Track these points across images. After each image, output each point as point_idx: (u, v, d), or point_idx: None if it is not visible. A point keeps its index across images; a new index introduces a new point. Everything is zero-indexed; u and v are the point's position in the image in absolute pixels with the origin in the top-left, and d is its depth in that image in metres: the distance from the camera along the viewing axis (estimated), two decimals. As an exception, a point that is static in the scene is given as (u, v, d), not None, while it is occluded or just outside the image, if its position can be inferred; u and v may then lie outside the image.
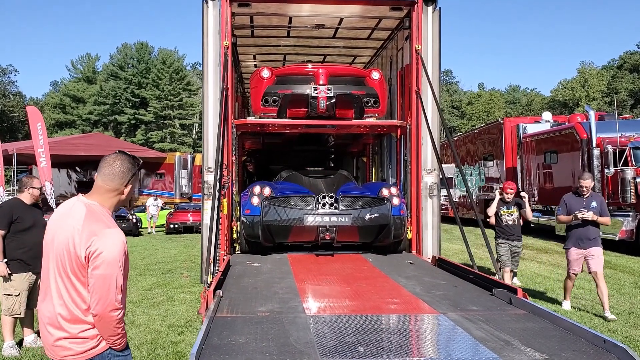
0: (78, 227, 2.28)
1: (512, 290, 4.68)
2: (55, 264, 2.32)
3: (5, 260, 5.34)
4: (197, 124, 56.27)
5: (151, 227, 21.77)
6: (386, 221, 7.18)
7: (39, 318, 2.45)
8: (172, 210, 23.16)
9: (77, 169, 35.39)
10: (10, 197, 7.29)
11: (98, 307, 2.24)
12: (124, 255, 2.31)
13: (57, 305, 2.30)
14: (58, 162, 23.86)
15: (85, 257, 2.24)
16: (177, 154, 32.10)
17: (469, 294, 5.03)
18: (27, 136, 50.84)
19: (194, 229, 19.72)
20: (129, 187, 2.49)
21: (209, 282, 5.27)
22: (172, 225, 20.84)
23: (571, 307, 7.21)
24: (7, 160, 24.12)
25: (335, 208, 7.09)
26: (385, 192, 7.48)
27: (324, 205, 7.09)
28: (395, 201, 7.40)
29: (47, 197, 18.97)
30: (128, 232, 19.86)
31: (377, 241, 7.41)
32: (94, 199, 2.41)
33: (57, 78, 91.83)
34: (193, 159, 29.04)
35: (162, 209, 23.21)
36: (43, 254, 2.42)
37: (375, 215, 7.15)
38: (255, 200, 7.14)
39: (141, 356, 5.37)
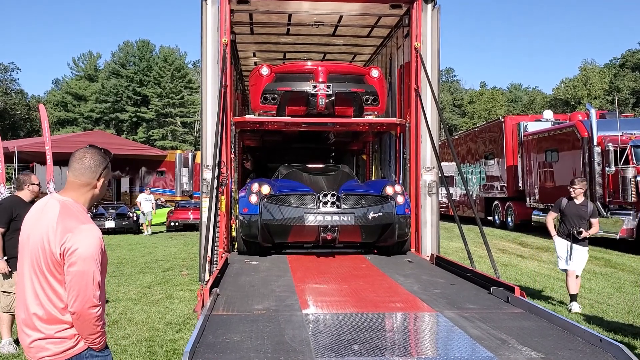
0: (52, 224, 2.25)
1: (510, 288, 4.66)
2: (30, 263, 2.29)
3: (5, 257, 5.35)
4: (198, 122, 56.23)
5: (146, 226, 20.05)
6: (390, 220, 6.89)
7: (16, 319, 2.43)
8: (173, 208, 23.15)
9: (79, 166, 35.42)
10: (9, 195, 7.28)
11: (76, 305, 2.21)
12: (100, 251, 2.28)
13: (32, 305, 2.27)
14: (59, 159, 23.88)
15: (60, 254, 2.21)
16: (178, 151, 32.10)
17: (467, 293, 5.01)
18: (29, 134, 51.01)
19: (195, 227, 19.73)
20: (102, 180, 2.44)
21: (206, 280, 5.26)
22: (172, 223, 20.83)
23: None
24: (9, 158, 24.17)
25: (337, 207, 6.79)
26: (389, 190, 7.17)
27: (325, 203, 6.79)
28: (400, 199, 7.10)
29: (49, 194, 18.99)
30: (128, 230, 19.90)
31: (381, 241, 7.15)
32: (67, 196, 2.38)
33: (58, 76, 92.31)
34: (194, 156, 29.03)
35: (162, 206, 23.05)
36: (19, 254, 2.39)
37: (379, 214, 6.85)
38: (253, 199, 6.89)
39: (139, 353, 5.38)
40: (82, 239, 2.22)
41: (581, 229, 7.02)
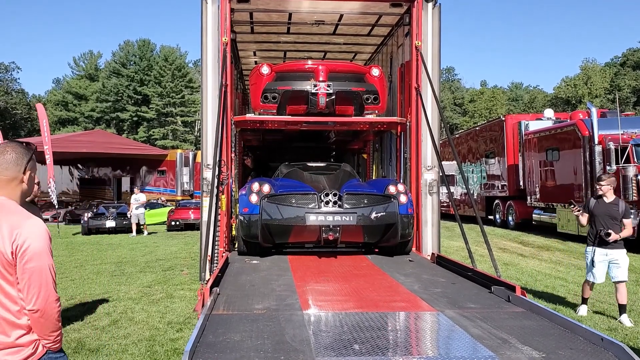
0: None
1: (511, 287, 4.65)
2: None
3: None
4: (199, 121, 56.23)
5: (142, 228, 19.63)
6: (393, 220, 6.79)
7: None
8: (174, 207, 23.15)
9: (79, 165, 35.48)
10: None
11: (39, 302, 2.11)
12: (50, 243, 2.20)
13: None
14: (60, 159, 23.88)
15: (12, 252, 2.10)
16: (179, 151, 32.11)
17: (468, 292, 4.99)
18: (30, 133, 51.02)
19: (195, 226, 19.71)
20: (28, 173, 2.33)
21: (206, 279, 5.25)
22: (173, 222, 20.82)
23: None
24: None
25: (339, 206, 6.68)
26: (392, 189, 7.06)
27: (327, 203, 6.67)
28: (403, 199, 7.00)
29: (50, 193, 19.03)
30: (129, 229, 19.89)
31: (383, 241, 7.05)
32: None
33: (59, 75, 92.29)
34: (195, 156, 29.01)
35: (162, 205, 22.99)
36: None
37: (382, 214, 6.75)
38: (253, 198, 6.80)
39: (139, 353, 5.37)
40: (32, 234, 2.14)
41: (609, 231, 6.27)
